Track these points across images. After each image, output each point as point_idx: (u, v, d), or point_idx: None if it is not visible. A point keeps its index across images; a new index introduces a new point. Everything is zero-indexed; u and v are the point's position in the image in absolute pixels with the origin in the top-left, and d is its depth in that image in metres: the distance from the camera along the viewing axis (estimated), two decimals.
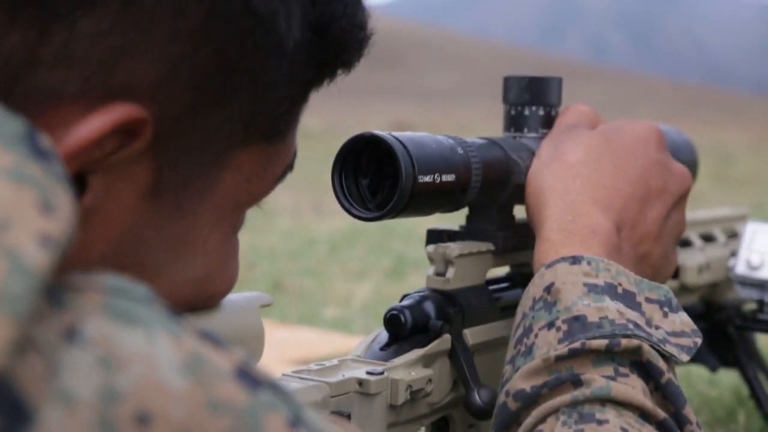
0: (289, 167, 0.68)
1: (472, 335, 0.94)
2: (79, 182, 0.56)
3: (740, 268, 1.31)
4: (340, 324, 2.26)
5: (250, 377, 0.48)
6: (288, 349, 1.96)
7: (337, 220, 4.00)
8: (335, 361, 0.87)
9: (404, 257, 3.14)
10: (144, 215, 0.59)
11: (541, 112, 1.01)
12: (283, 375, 0.83)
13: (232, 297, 0.72)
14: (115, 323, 0.45)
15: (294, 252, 3.26)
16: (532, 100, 1.00)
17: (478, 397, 0.90)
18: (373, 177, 0.87)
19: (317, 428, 0.50)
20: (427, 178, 0.85)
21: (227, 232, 0.66)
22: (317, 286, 2.65)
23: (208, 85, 0.58)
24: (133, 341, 0.45)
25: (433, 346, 0.90)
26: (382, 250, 3.31)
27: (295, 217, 4.15)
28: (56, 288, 0.46)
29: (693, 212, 1.36)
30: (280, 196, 3.43)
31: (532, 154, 0.98)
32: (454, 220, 0.99)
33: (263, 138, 0.63)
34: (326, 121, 8.60)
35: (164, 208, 0.60)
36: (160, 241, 0.61)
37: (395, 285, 2.73)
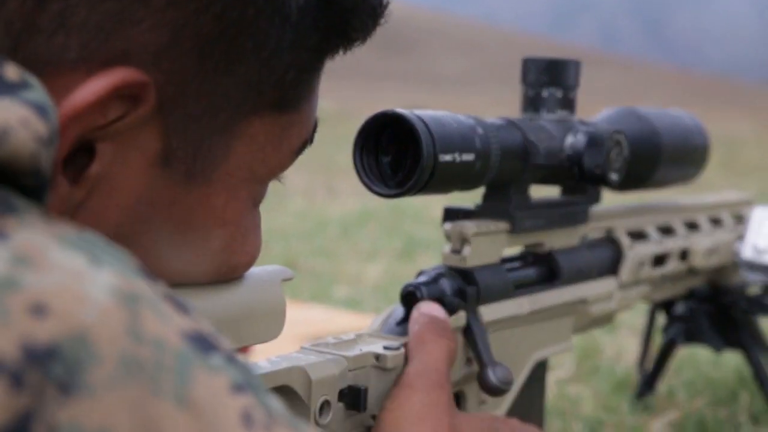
0: (309, 140, 0.68)
1: (486, 313, 0.96)
2: (87, 151, 0.57)
3: (747, 252, 1.34)
4: (351, 303, 2.28)
5: (204, 341, 0.47)
6: (298, 327, 1.96)
7: (349, 201, 4.02)
8: (352, 335, 0.88)
9: (415, 239, 3.16)
10: (155, 183, 0.60)
11: (559, 94, 1.03)
12: (302, 348, 0.83)
13: (255, 270, 0.73)
14: (59, 245, 0.45)
15: (307, 233, 3.27)
16: (550, 82, 1.03)
17: (492, 375, 0.91)
18: (394, 155, 0.89)
19: (275, 408, 0.48)
20: (448, 157, 0.87)
21: (246, 203, 0.66)
22: (329, 265, 2.67)
23: (211, 51, 0.58)
24: (68, 259, 0.45)
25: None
26: (393, 231, 3.33)
27: (308, 199, 4.16)
28: (12, 198, 0.46)
29: (701, 196, 1.38)
30: (293, 178, 3.45)
31: (550, 135, 1.01)
32: (469, 199, 1.02)
33: (274, 107, 0.63)
34: (338, 105, 8.60)
35: (176, 176, 0.60)
36: (174, 210, 0.62)
37: (406, 266, 2.75)
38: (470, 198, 1.00)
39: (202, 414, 0.45)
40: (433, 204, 4.05)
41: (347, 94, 8.93)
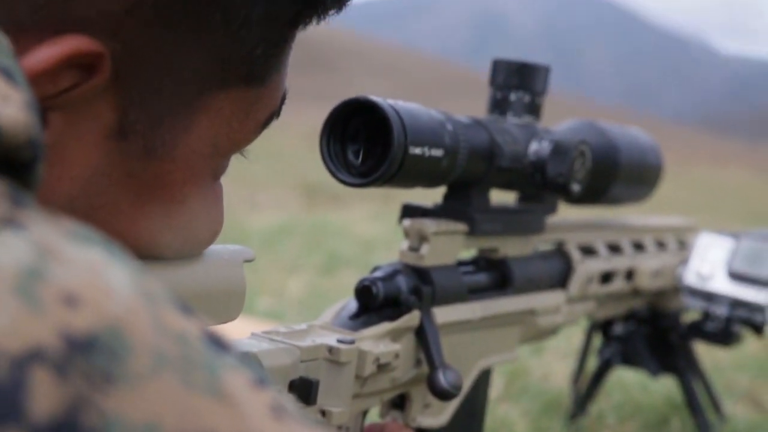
0: (276, 113, 0.66)
1: (440, 314, 0.94)
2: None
3: (689, 278, 1.33)
4: (274, 315, 2.25)
5: (217, 341, 0.46)
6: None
7: (270, 215, 3.99)
8: (304, 326, 0.86)
9: (336, 254, 3.14)
10: (111, 156, 0.58)
11: (527, 99, 1.02)
12: (253, 335, 0.81)
13: (216, 248, 0.70)
14: (71, 240, 0.43)
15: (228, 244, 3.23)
16: (519, 86, 1.01)
17: (443, 378, 0.89)
18: (362, 143, 0.87)
19: (291, 405, 0.48)
20: (418, 150, 0.85)
21: (207, 178, 0.63)
22: (251, 277, 2.62)
23: (174, 23, 0.55)
24: (84, 253, 0.43)
25: (403, 321, 0.90)
26: (315, 246, 3.30)
27: (229, 211, 4.12)
28: (21, 193, 0.44)
29: (647, 218, 1.38)
30: None
31: (514, 139, 0.99)
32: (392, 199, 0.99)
33: (241, 81, 0.60)
34: None
35: (133, 149, 0.58)
36: (132, 184, 0.59)
37: (328, 281, 2.72)
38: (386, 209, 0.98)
39: (237, 405, 0.44)
40: (355, 221, 4.03)
41: None
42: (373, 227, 3.90)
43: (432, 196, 1.00)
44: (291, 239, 3.38)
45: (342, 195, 4.91)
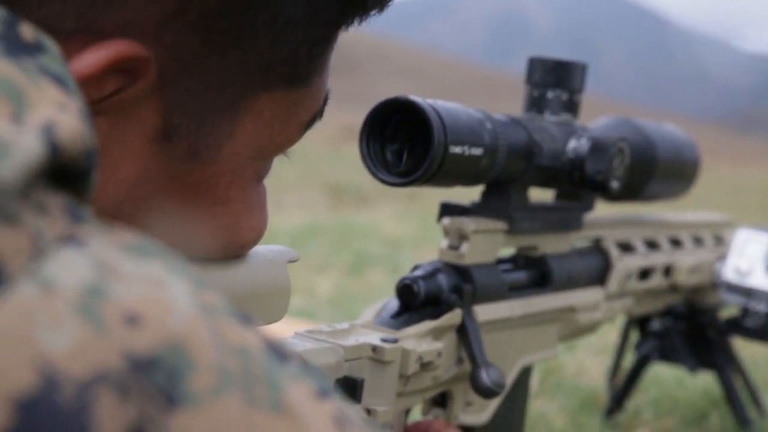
0: (319, 114, 0.65)
1: (481, 312, 0.94)
2: None
3: (728, 274, 1.33)
4: (305, 314, 2.25)
5: (278, 351, 0.46)
6: None
7: (297, 215, 3.99)
8: (346, 325, 0.85)
9: (364, 254, 3.14)
10: (156, 159, 0.57)
11: (564, 97, 1.01)
12: (296, 334, 0.81)
13: (260, 249, 0.70)
14: (129, 255, 0.43)
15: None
16: (556, 84, 1.01)
17: (486, 376, 0.89)
18: (401, 143, 0.87)
19: (355, 414, 0.47)
20: (458, 149, 0.85)
21: (250, 180, 0.63)
22: None
23: (219, 25, 0.55)
24: (143, 267, 0.43)
25: (445, 320, 0.90)
26: (342, 246, 3.30)
27: None
28: (79, 207, 0.44)
29: (683, 213, 1.38)
30: None
31: (552, 137, 0.99)
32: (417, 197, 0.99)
33: (284, 83, 0.60)
34: None
35: (177, 153, 0.58)
36: (177, 187, 0.59)
37: (356, 281, 2.73)
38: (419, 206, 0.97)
39: (299, 420, 0.43)
40: (381, 221, 4.04)
41: None
42: (400, 227, 3.90)
43: (459, 194, 1.00)
44: (318, 240, 3.39)
45: (368, 195, 4.91)
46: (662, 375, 1.74)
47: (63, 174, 0.44)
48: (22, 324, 0.38)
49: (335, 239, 3.43)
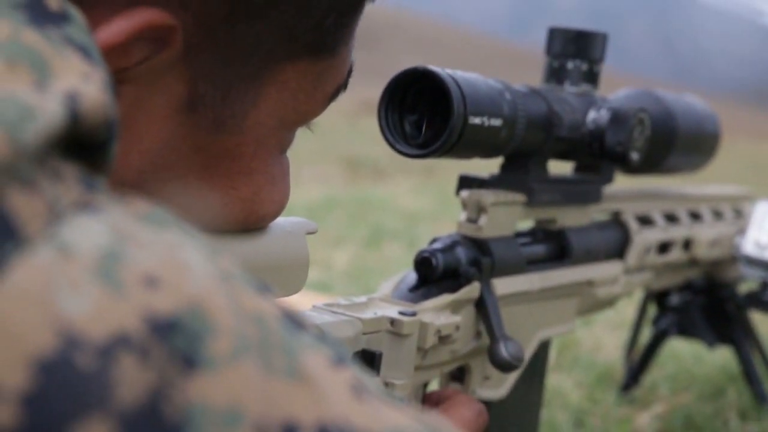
0: (343, 86, 0.65)
1: (500, 286, 0.93)
2: None
3: (748, 248, 1.32)
4: (322, 287, 2.25)
5: (293, 320, 0.46)
6: None
7: (313, 189, 3.99)
8: (363, 299, 0.85)
9: (381, 228, 3.13)
10: (181, 129, 0.57)
11: (585, 67, 1.00)
12: (314, 307, 0.81)
13: (279, 221, 0.70)
14: (145, 223, 0.43)
15: None
16: (576, 53, 1.00)
17: (504, 349, 0.89)
18: (420, 114, 0.86)
19: (372, 382, 0.47)
20: (477, 120, 0.84)
21: (274, 151, 0.63)
22: None
23: None
24: (159, 234, 0.43)
25: (463, 293, 0.89)
26: (359, 219, 3.30)
27: None
28: (93, 178, 0.44)
29: (703, 187, 1.36)
30: None
31: (572, 108, 0.98)
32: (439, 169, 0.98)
33: (310, 52, 0.60)
34: None
35: (203, 122, 0.58)
36: (200, 157, 0.59)
37: (373, 254, 2.72)
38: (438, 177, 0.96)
39: (316, 387, 0.43)
40: (398, 194, 4.03)
41: None
42: (417, 200, 3.89)
43: (477, 167, 0.99)
44: (335, 213, 3.38)
45: (385, 169, 4.90)
46: (679, 350, 1.74)
47: (81, 144, 0.44)
48: (40, 287, 0.38)
49: (352, 213, 3.42)
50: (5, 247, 0.38)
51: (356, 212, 3.45)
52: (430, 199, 3.89)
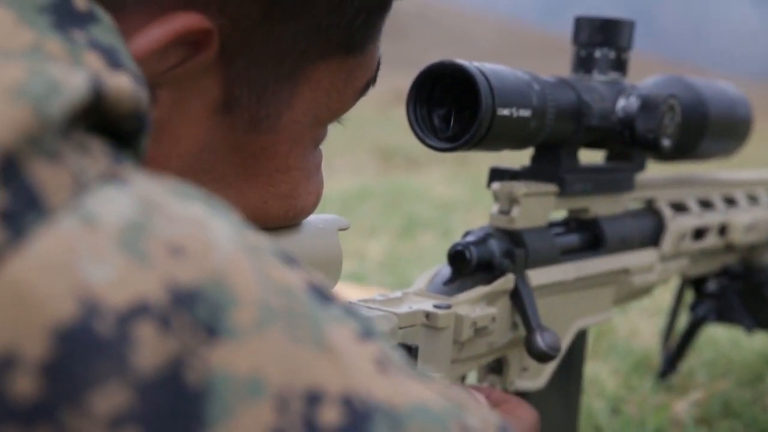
0: (372, 81, 0.66)
1: (534, 276, 0.93)
2: None
3: None
4: (356, 278, 2.26)
5: (321, 293, 0.46)
6: None
7: (347, 179, 3.99)
8: (399, 293, 0.86)
9: (415, 218, 3.13)
10: (218, 130, 0.58)
11: (612, 55, 1.00)
12: (349, 303, 0.82)
13: (311, 218, 0.71)
14: (173, 195, 0.43)
15: None
16: (603, 42, 0.99)
17: (540, 340, 0.89)
18: (449, 107, 0.86)
19: (399, 357, 0.48)
20: (506, 112, 0.84)
21: (308, 146, 0.64)
22: None
23: None
24: (187, 208, 0.43)
25: (498, 285, 0.90)
26: (393, 209, 3.30)
27: None
28: (120, 152, 0.44)
29: (738, 172, 1.35)
30: None
31: (602, 96, 0.97)
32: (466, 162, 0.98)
33: (341, 51, 0.61)
34: None
35: (239, 122, 0.58)
36: (238, 156, 0.60)
37: (407, 244, 2.72)
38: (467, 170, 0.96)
39: (341, 358, 0.44)
40: (432, 184, 4.02)
41: None
42: (451, 190, 3.88)
43: (509, 158, 0.99)
44: (369, 203, 3.38)
45: (418, 158, 4.90)
46: (717, 336, 1.73)
47: (110, 129, 0.44)
48: (64, 256, 0.39)
49: (385, 203, 3.43)
50: (28, 217, 0.39)
51: (390, 202, 3.45)
52: (464, 188, 3.88)
